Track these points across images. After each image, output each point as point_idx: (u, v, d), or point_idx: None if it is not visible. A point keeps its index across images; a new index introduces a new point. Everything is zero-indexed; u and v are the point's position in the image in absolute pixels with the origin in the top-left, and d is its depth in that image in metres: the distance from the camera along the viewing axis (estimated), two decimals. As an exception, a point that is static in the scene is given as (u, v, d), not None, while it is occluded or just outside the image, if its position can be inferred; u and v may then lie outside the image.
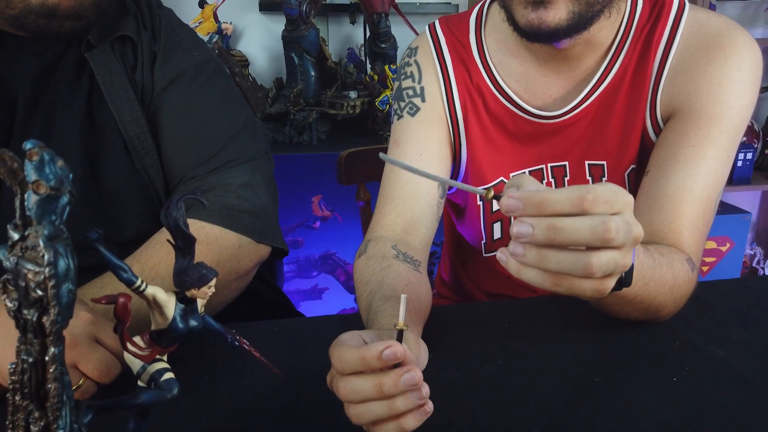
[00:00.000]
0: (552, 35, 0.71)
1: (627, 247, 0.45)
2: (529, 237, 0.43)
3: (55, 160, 0.33)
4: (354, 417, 0.47)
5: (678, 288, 0.66)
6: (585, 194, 0.42)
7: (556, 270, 0.44)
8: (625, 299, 0.60)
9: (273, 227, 0.83)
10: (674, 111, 0.77)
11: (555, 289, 0.45)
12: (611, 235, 0.42)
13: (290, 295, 2.02)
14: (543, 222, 0.42)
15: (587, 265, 0.43)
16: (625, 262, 0.45)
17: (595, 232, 0.42)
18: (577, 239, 0.42)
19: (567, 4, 0.69)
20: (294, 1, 1.90)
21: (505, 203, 0.43)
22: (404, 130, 0.85)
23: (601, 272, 0.44)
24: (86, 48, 0.75)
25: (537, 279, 0.45)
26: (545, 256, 0.44)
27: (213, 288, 0.40)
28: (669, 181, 0.73)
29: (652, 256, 0.61)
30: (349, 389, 0.46)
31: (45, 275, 0.32)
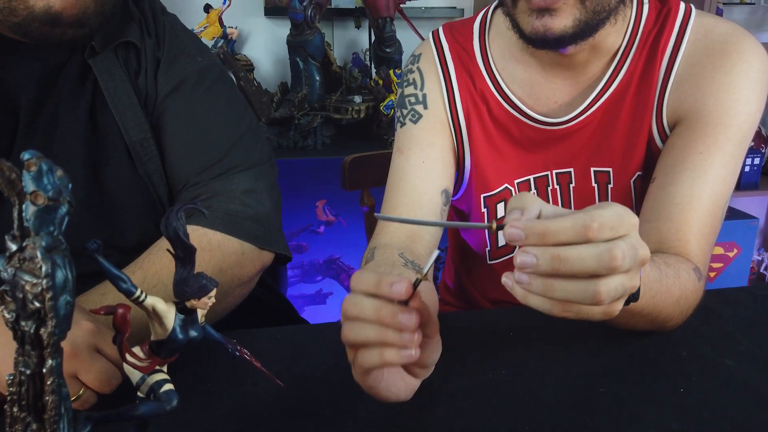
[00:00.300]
0: (557, 42, 0.70)
1: (634, 269, 0.44)
2: (534, 267, 0.42)
3: (54, 170, 0.33)
4: (345, 332, 0.47)
5: (685, 299, 0.65)
6: (589, 222, 0.41)
7: (563, 299, 0.43)
8: (632, 313, 0.59)
9: (276, 233, 0.83)
10: (681, 118, 0.76)
11: (563, 315, 0.45)
12: (617, 263, 0.41)
13: (294, 299, 2.03)
14: (547, 252, 0.42)
15: (595, 293, 0.42)
16: (633, 284, 0.44)
17: (601, 261, 0.41)
18: (582, 269, 0.41)
19: (572, 11, 0.68)
20: (299, 6, 1.91)
21: (508, 233, 0.43)
22: (407, 137, 0.85)
23: (609, 299, 0.43)
24: (90, 54, 0.75)
25: (544, 306, 0.44)
26: (551, 285, 0.43)
27: (213, 298, 0.40)
28: (676, 189, 0.72)
29: (659, 267, 0.61)
30: (352, 304, 0.47)
31: (42, 287, 0.32)
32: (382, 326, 0.45)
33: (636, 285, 0.45)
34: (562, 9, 0.68)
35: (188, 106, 0.80)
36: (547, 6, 0.68)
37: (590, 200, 0.84)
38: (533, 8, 0.69)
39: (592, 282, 0.42)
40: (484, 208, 0.87)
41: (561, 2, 0.68)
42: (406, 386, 0.51)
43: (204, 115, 0.81)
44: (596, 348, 0.69)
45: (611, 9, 0.71)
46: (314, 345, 0.72)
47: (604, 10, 0.70)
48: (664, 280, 0.61)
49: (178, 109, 0.80)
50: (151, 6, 0.83)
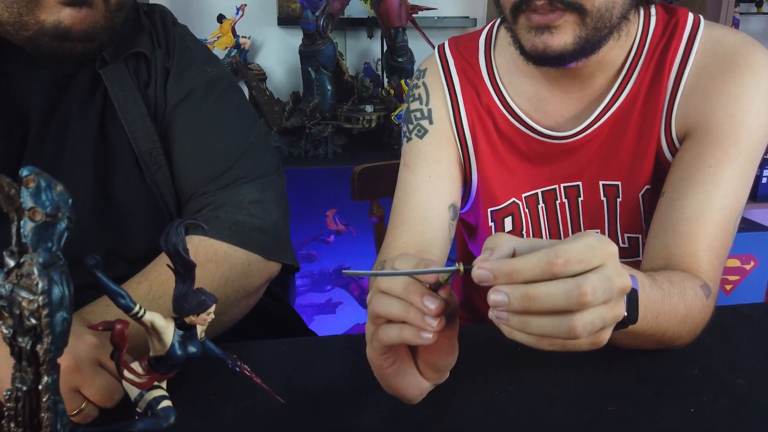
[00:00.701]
0: (558, 60, 0.70)
1: (614, 299, 0.43)
2: (506, 306, 0.42)
3: (53, 186, 0.33)
4: (373, 303, 0.48)
5: (692, 318, 0.63)
6: (554, 259, 0.41)
7: (539, 334, 0.43)
8: (634, 334, 0.58)
9: (283, 244, 0.83)
10: (690, 131, 0.75)
11: (551, 348, 0.44)
12: (587, 299, 0.40)
13: (304, 309, 2.03)
14: (516, 291, 0.41)
15: (570, 328, 0.41)
16: (615, 314, 0.43)
17: (570, 297, 0.41)
18: (553, 306, 0.41)
19: (573, 28, 0.68)
20: (311, 16, 1.92)
21: (476, 274, 0.43)
22: (413, 152, 0.85)
23: (587, 332, 0.42)
24: (101, 64, 0.75)
25: (529, 341, 0.44)
26: (527, 322, 0.42)
27: (212, 314, 0.40)
28: (685, 203, 0.71)
29: (661, 287, 0.59)
30: (389, 280, 0.47)
31: (39, 303, 0.32)
32: (407, 304, 0.46)
33: (619, 314, 0.44)
34: (563, 26, 0.67)
35: (197, 116, 0.80)
36: (547, 24, 0.68)
37: (599, 214, 0.83)
38: (533, 26, 0.68)
39: (566, 317, 0.41)
40: (491, 222, 0.87)
41: (561, 20, 0.67)
42: (416, 387, 0.52)
43: (212, 125, 0.81)
44: (605, 365, 0.67)
45: (613, 25, 0.70)
46: (319, 358, 0.71)
47: (606, 27, 0.69)
48: (668, 300, 0.59)
49: (186, 119, 0.80)
50: (162, 17, 0.84)
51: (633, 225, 0.82)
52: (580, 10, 0.67)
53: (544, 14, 0.67)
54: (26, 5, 0.65)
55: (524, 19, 0.69)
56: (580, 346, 0.44)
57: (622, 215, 0.81)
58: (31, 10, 0.65)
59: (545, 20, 0.67)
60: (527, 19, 0.69)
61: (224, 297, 0.74)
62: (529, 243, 0.44)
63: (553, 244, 0.42)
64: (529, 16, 0.68)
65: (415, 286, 0.46)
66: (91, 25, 0.68)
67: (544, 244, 0.43)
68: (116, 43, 0.76)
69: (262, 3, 2.19)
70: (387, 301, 0.47)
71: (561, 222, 0.85)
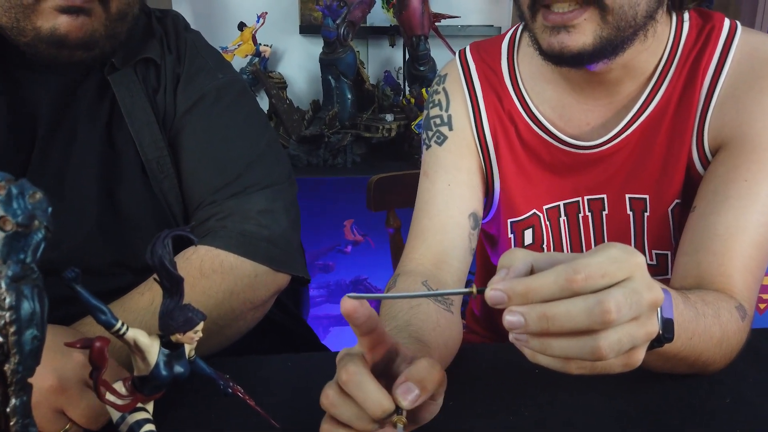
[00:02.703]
0: (576, 59, 0.67)
1: (644, 315, 0.39)
2: (522, 328, 0.39)
3: (26, 193, 0.31)
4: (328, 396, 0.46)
5: (727, 341, 0.59)
6: (573, 275, 0.38)
7: (562, 356, 0.39)
8: (667, 356, 0.54)
9: (293, 254, 0.80)
10: (724, 142, 0.71)
11: (580, 372, 0.41)
12: (611, 316, 0.37)
13: (319, 320, 2.00)
14: (533, 311, 0.38)
15: (594, 349, 0.38)
16: (648, 330, 0.40)
17: (591, 315, 0.37)
18: (573, 326, 0.38)
19: (593, 27, 0.64)
20: (332, 25, 1.91)
21: (490, 296, 0.40)
22: (433, 160, 0.82)
23: (614, 353, 0.38)
24: (109, 70, 0.74)
25: (555, 365, 0.41)
26: (548, 344, 0.39)
27: (200, 333, 0.37)
28: (718, 219, 0.67)
29: (695, 306, 0.56)
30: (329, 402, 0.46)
31: (6, 320, 0.29)
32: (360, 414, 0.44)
33: (652, 331, 0.40)
34: (581, 26, 0.64)
35: (206, 124, 0.79)
36: (563, 23, 0.65)
37: (625, 229, 0.79)
38: (549, 25, 0.65)
39: (590, 338, 0.38)
40: (510, 233, 0.83)
41: (580, 18, 0.64)
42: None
43: (222, 132, 0.79)
44: (629, 390, 0.63)
45: (638, 25, 0.67)
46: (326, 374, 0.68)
47: (630, 26, 0.66)
48: (702, 320, 0.56)
49: (195, 127, 0.78)
50: (174, 23, 0.83)
51: (661, 241, 0.77)
52: (601, 6, 0.64)
53: (561, 13, 0.64)
54: (23, 11, 0.65)
55: (541, 18, 0.66)
56: (612, 368, 0.41)
57: (649, 231, 0.77)
58: (28, 16, 0.65)
59: (562, 19, 0.64)
60: (544, 18, 0.66)
61: (229, 309, 0.72)
62: (548, 258, 0.41)
63: (573, 258, 0.39)
64: (546, 15, 0.65)
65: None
66: (88, 34, 0.67)
67: (564, 259, 0.40)
68: (121, 50, 0.75)
69: (284, 11, 2.19)
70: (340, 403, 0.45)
71: (584, 237, 0.81)
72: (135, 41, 0.77)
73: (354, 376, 0.43)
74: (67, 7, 0.65)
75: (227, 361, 0.70)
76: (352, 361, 0.44)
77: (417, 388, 0.44)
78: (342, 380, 0.44)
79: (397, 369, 0.49)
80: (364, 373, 0.44)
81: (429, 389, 0.44)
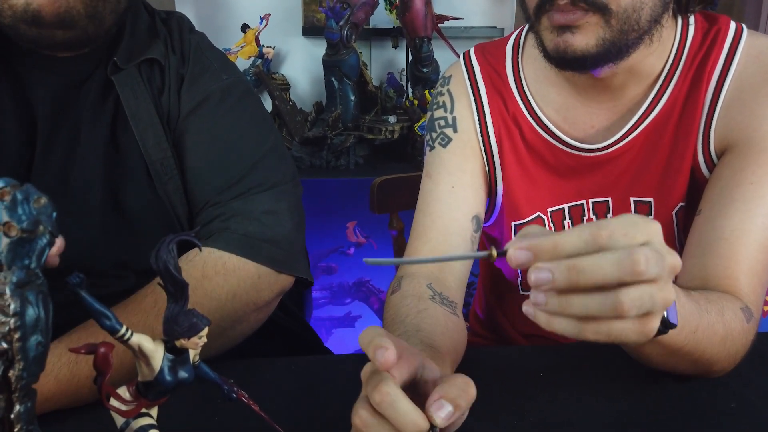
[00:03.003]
0: (579, 62, 0.67)
1: (664, 279, 0.40)
2: (550, 284, 0.39)
3: (31, 198, 0.31)
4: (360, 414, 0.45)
5: (731, 339, 0.59)
6: (597, 231, 0.38)
7: (582, 315, 0.40)
8: (671, 348, 0.54)
9: (296, 256, 0.80)
10: (730, 145, 0.71)
11: (595, 337, 0.41)
12: (641, 267, 0.37)
13: (322, 322, 2.00)
14: (562, 264, 0.38)
15: (617, 303, 0.38)
16: (665, 296, 0.40)
17: (622, 266, 0.38)
18: (603, 277, 0.38)
19: (596, 29, 0.64)
20: (335, 26, 1.91)
21: (514, 255, 0.40)
22: (436, 161, 0.81)
23: (635, 309, 0.39)
24: (113, 70, 0.74)
25: (571, 329, 0.41)
26: (568, 301, 0.39)
27: (205, 338, 0.37)
28: (724, 222, 0.66)
29: (697, 302, 0.56)
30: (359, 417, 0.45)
31: (10, 326, 0.29)
32: None
33: (670, 298, 0.40)
34: (585, 27, 0.64)
35: (210, 125, 0.78)
36: (568, 23, 0.65)
37: None
38: (554, 25, 0.65)
39: (612, 292, 0.39)
40: (514, 236, 0.83)
41: (583, 20, 0.64)
42: None
43: (226, 133, 0.79)
44: (634, 394, 0.63)
45: (642, 29, 0.66)
46: (331, 378, 0.68)
47: (633, 30, 0.66)
48: (705, 316, 0.56)
49: (200, 128, 0.78)
50: (179, 24, 0.82)
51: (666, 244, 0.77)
52: (604, 10, 0.64)
53: (566, 13, 0.64)
54: None
55: (546, 20, 0.66)
56: (627, 334, 0.40)
57: None
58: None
59: (566, 20, 0.64)
60: (549, 19, 0.66)
61: (232, 311, 0.72)
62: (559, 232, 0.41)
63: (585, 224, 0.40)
64: (552, 16, 0.65)
65: None
66: (63, 9, 0.66)
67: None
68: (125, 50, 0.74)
69: (288, 13, 2.19)
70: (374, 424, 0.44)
71: None
72: (138, 41, 0.77)
73: (387, 396, 0.43)
74: None
75: (231, 364, 0.70)
76: (383, 381, 0.43)
77: (451, 406, 0.43)
78: (375, 401, 0.43)
79: (422, 382, 0.48)
80: (398, 393, 0.43)
81: (463, 407, 0.44)
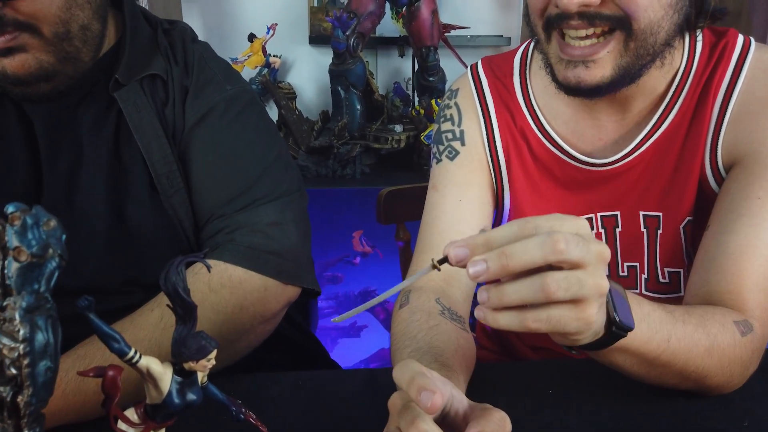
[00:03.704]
0: (593, 92, 0.66)
1: (592, 264, 0.43)
2: (485, 271, 0.43)
3: (40, 223, 0.31)
4: None
5: (719, 351, 0.58)
6: (524, 224, 0.44)
7: (517, 302, 0.44)
8: (644, 357, 0.55)
9: (302, 267, 0.79)
10: (737, 159, 0.70)
11: (536, 325, 0.44)
12: (561, 246, 0.41)
13: (328, 331, 1.99)
14: (493, 253, 0.43)
15: (544, 284, 0.42)
16: (596, 282, 0.43)
17: (544, 246, 0.42)
18: (529, 258, 0.42)
19: (614, 58, 0.64)
20: (341, 36, 1.91)
21: (453, 253, 0.44)
22: (443, 174, 0.81)
23: (561, 291, 0.42)
24: (115, 87, 0.74)
25: (513, 321, 0.44)
26: (504, 290, 0.44)
27: (213, 361, 0.36)
28: (731, 237, 0.66)
29: (671, 312, 0.57)
30: None
31: (20, 352, 0.29)
32: None
33: (602, 284, 0.44)
34: (602, 59, 0.64)
35: (215, 136, 0.78)
36: (583, 58, 0.64)
37: (638, 246, 0.78)
38: (565, 58, 0.65)
39: (539, 275, 0.43)
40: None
41: (602, 52, 0.64)
42: None
43: (231, 144, 0.79)
44: (643, 411, 0.62)
45: (656, 53, 0.66)
46: (338, 393, 0.68)
47: (648, 54, 0.66)
48: (681, 326, 0.56)
49: (204, 139, 0.78)
50: (181, 34, 0.82)
51: (674, 259, 0.77)
52: (627, 31, 0.63)
53: (581, 48, 0.64)
54: None
55: (557, 47, 0.66)
56: (566, 322, 0.44)
57: (662, 248, 0.76)
58: None
59: (582, 54, 0.64)
60: (560, 49, 0.65)
61: (239, 324, 0.72)
62: None
63: None
64: (563, 47, 0.65)
65: None
66: (35, 67, 0.67)
67: None
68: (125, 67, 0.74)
69: (294, 22, 2.19)
70: None
71: None
72: (139, 56, 0.77)
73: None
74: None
75: (236, 378, 0.70)
76: (419, 418, 0.43)
77: None
78: None
79: (452, 412, 0.48)
80: (435, 431, 0.43)
81: None
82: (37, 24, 0.66)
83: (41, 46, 0.67)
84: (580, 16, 0.63)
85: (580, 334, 0.47)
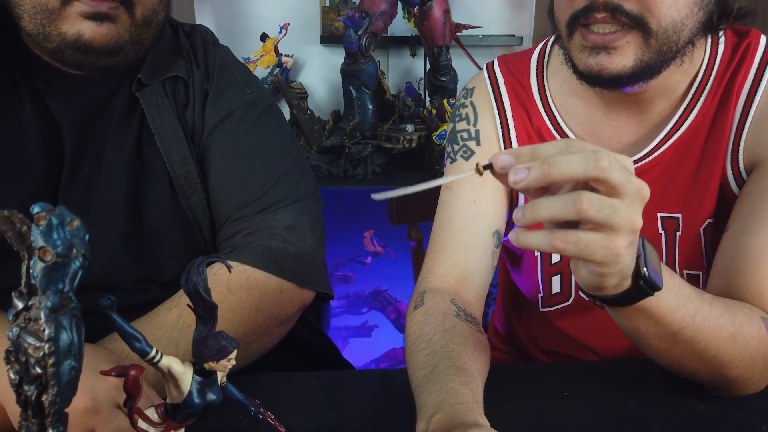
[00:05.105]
0: (614, 82, 0.66)
1: (629, 196, 0.43)
2: (526, 178, 0.43)
3: (65, 223, 0.31)
4: None
5: (743, 340, 0.58)
6: (569, 142, 0.44)
7: (549, 216, 0.44)
8: (669, 329, 0.54)
9: (317, 271, 0.80)
10: (758, 161, 0.69)
11: (563, 245, 0.44)
12: (604, 163, 0.42)
13: (339, 331, 1.99)
14: (537, 162, 0.43)
15: (576, 200, 0.42)
16: (630, 215, 0.43)
17: (587, 160, 0.42)
18: (571, 170, 0.43)
19: (635, 50, 0.64)
20: (353, 35, 1.91)
21: (499, 159, 0.44)
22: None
23: (593, 210, 0.42)
24: (137, 87, 0.75)
25: (543, 241, 0.45)
26: (537, 204, 0.44)
27: (233, 361, 0.36)
28: (750, 240, 0.65)
29: (701, 293, 0.57)
30: None
31: (44, 351, 0.29)
32: None
33: (635, 220, 0.44)
34: (623, 48, 0.64)
35: (234, 140, 0.79)
36: (604, 44, 0.64)
37: (657, 247, 0.77)
38: (588, 45, 0.64)
39: (575, 192, 0.43)
40: (537, 251, 0.82)
41: (622, 41, 0.63)
42: None
43: (249, 148, 0.79)
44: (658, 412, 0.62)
45: (678, 50, 0.66)
46: (352, 393, 0.68)
47: (671, 51, 0.65)
48: (708, 306, 0.56)
49: (223, 143, 0.78)
50: (203, 38, 0.83)
51: (693, 261, 0.76)
52: (644, 28, 0.63)
53: (603, 34, 0.63)
54: (48, 16, 0.65)
55: (579, 37, 0.65)
56: (593, 249, 0.44)
57: (681, 250, 0.76)
58: (53, 21, 0.65)
59: (603, 41, 0.64)
60: (583, 37, 0.65)
61: (255, 325, 0.72)
62: None
63: None
64: (586, 35, 0.64)
65: None
66: (114, 41, 0.67)
67: None
68: (148, 66, 0.75)
69: (306, 22, 2.20)
70: None
71: None
72: (162, 57, 0.77)
73: None
74: (92, 13, 0.65)
75: (252, 378, 0.70)
76: None
77: None
78: None
79: None
80: None
81: None
82: (133, 1, 0.67)
83: (127, 23, 0.68)
84: (605, 7, 0.62)
85: (607, 267, 0.46)
